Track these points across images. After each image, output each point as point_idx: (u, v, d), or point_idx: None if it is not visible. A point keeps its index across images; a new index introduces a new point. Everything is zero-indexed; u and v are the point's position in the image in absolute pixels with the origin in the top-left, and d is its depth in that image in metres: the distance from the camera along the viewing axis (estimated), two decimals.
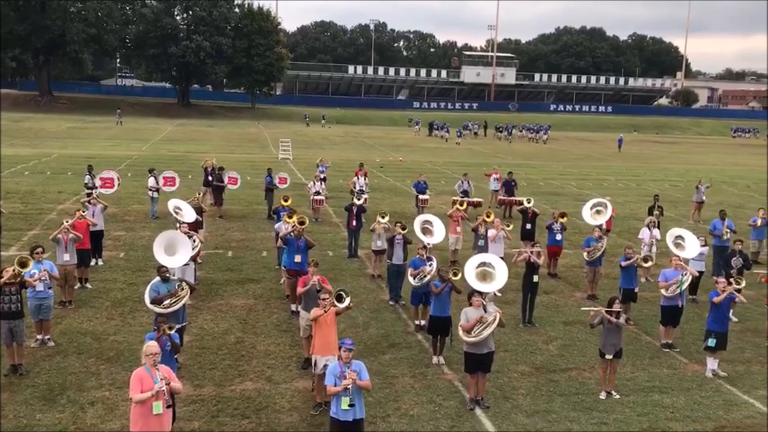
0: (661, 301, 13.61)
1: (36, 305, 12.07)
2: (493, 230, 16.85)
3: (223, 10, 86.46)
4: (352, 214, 19.24)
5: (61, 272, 13.71)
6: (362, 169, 27.26)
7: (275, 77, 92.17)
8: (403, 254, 15.54)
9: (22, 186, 28.58)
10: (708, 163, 54.86)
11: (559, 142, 71.26)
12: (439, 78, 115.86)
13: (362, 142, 61.87)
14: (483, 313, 10.57)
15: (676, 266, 13.61)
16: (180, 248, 12.48)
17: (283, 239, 14.71)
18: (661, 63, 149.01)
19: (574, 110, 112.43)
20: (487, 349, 10.62)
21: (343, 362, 8.49)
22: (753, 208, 30.54)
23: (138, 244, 19.68)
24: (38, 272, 11.91)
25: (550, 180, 38.81)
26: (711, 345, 12.14)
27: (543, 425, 10.19)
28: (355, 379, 8.31)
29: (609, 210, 19.02)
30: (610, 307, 11.03)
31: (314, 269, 11.89)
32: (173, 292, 11.09)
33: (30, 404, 10.08)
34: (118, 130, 61.52)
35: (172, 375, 8.08)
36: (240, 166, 34.44)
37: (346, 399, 8.27)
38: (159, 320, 9.52)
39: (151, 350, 7.98)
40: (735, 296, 12.22)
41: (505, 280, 11.96)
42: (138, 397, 7.71)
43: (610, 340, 11.07)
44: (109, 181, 23.32)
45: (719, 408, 11.01)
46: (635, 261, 14.69)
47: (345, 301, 10.26)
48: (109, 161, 36.01)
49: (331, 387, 8.36)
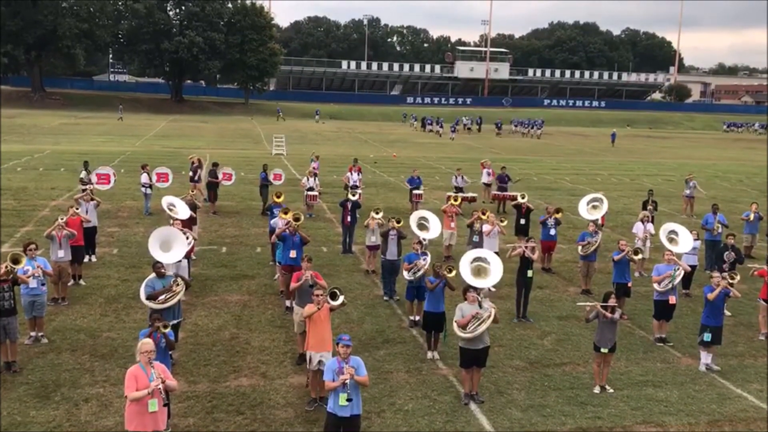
0: (654, 296, 13.64)
1: (29, 302, 12.02)
2: (488, 225, 16.88)
3: (216, 6, 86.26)
4: (346, 210, 19.24)
5: (56, 269, 13.67)
6: (356, 165, 27.31)
7: (268, 73, 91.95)
8: (397, 250, 15.54)
9: (14, 182, 28.44)
10: (700, 157, 55.03)
11: (553, 136, 71.36)
12: (432, 73, 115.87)
13: (356, 137, 61.81)
14: (478, 309, 10.55)
15: (668, 261, 13.66)
16: (175, 244, 12.48)
17: (278, 235, 14.71)
18: (654, 58, 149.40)
19: (567, 105, 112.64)
20: (483, 344, 10.62)
21: (341, 358, 8.48)
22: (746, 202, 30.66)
23: (131, 241, 19.63)
24: (32, 269, 11.87)
25: (544, 175, 38.86)
26: (706, 340, 12.17)
27: (537, 420, 10.21)
28: (353, 375, 8.30)
29: (605, 205, 19.06)
30: (605, 302, 11.06)
31: (308, 264, 11.89)
32: (168, 288, 11.09)
33: (24, 401, 10.05)
34: (111, 126, 61.26)
35: (166, 373, 8.05)
36: (234, 161, 34.39)
37: (344, 395, 8.26)
38: (153, 317, 9.49)
39: (146, 348, 7.92)
40: (729, 291, 12.22)
41: (500, 276, 11.98)
42: (134, 395, 7.67)
43: (606, 335, 11.08)
44: (105, 177, 23.27)
45: (713, 402, 11.06)
46: (627, 254, 14.69)
47: (339, 298, 10.19)
48: (103, 157, 35.89)
49: (329, 382, 8.35)
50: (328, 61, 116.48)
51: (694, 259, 16.52)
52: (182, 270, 14.17)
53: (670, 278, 13.35)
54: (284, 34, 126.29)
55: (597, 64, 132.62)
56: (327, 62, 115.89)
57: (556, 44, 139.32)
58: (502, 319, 14.37)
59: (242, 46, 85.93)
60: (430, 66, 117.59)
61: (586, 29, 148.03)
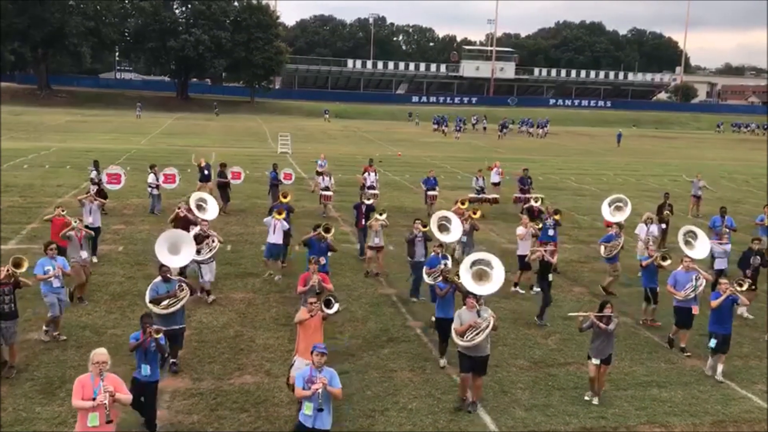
0: (674, 302, 13.04)
1: (55, 300, 11.95)
2: (521, 229, 16.47)
3: (222, 4, 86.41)
4: (360, 212, 18.93)
5: (77, 269, 13.67)
6: (372, 166, 26.77)
7: (274, 71, 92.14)
8: (425, 252, 15.38)
9: (21, 179, 28.54)
10: (706, 158, 54.86)
11: (558, 136, 71.23)
12: (438, 72, 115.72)
13: (362, 136, 61.82)
14: (476, 317, 10.21)
15: (687, 268, 13.02)
16: (183, 247, 12.33)
17: (304, 241, 14.77)
18: (660, 58, 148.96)
19: (573, 105, 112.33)
20: (482, 353, 10.24)
21: (315, 366, 8.17)
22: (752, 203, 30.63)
23: (137, 238, 19.68)
24: (53, 269, 11.89)
25: (549, 175, 38.79)
26: (712, 346, 11.86)
27: (541, 419, 10.21)
28: (326, 384, 7.98)
29: (629, 206, 18.49)
30: (600, 311, 10.64)
31: (315, 267, 11.77)
32: (173, 293, 10.92)
33: (29, 397, 10.09)
34: (117, 124, 61.40)
35: (120, 386, 7.57)
36: (240, 160, 34.41)
37: (310, 405, 8.00)
38: (145, 321, 9.24)
39: (98, 358, 7.48)
40: (738, 298, 11.77)
41: (503, 279, 11.55)
42: (76, 403, 7.33)
43: (599, 346, 10.64)
44: (116, 177, 23.17)
45: (717, 402, 11.03)
46: (655, 260, 14.14)
47: (334, 306, 9.91)
48: (109, 155, 36.00)
49: (299, 390, 8.07)
50: (333, 60, 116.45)
51: (724, 263, 16.27)
52: (211, 271, 14.32)
53: (692, 288, 12.72)
54: (290, 33, 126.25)
55: (603, 64, 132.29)
56: (333, 61, 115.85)
57: (562, 44, 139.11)
58: (507, 318, 14.41)
59: (248, 45, 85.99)
60: (435, 65, 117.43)
61: (592, 29, 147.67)
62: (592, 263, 19.09)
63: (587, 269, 18.81)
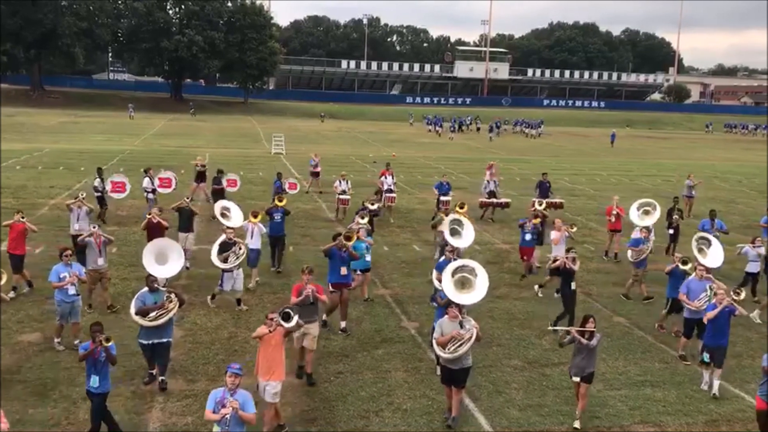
0: (685, 313, 12.55)
1: (68, 308, 11.86)
2: (555, 232, 16.20)
3: (215, 5, 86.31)
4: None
5: (95, 276, 13.60)
6: (389, 169, 25.84)
7: (268, 72, 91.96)
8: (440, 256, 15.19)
9: (13, 181, 28.41)
10: (699, 158, 55.03)
11: (552, 137, 71.33)
12: (432, 73, 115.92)
13: (355, 137, 61.78)
14: (459, 328, 9.74)
15: (701, 277, 12.47)
16: (171, 257, 12.06)
17: (325, 252, 13.54)
18: (653, 58, 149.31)
19: (567, 105, 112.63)
20: (462, 365, 9.77)
21: (228, 388, 7.75)
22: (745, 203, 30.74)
23: (131, 240, 19.60)
24: (68, 275, 11.79)
25: None
26: (705, 360, 11.35)
27: (536, 419, 10.22)
28: (237, 408, 7.57)
29: (657, 210, 18.12)
30: (583, 326, 9.93)
31: (308, 277, 11.14)
32: (161, 305, 10.53)
33: (22, 400, 10.05)
34: (110, 125, 61.19)
35: None
36: (233, 161, 34.38)
37: (218, 429, 7.64)
38: (94, 329, 8.88)
39: None
40: (735, 309, 11.09)
41: (486, 288, 10.83)
42: None
43: (578, 362, 9.98)
44: (121, 185, 22.80)
45: (711, 402, 11.07)
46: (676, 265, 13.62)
47: (292, 320, 9.31)
48: (102, 156, 35.87)
49: (208, 412, 7.67)
50: (327, 61, 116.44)
51: (756, 266, 16.09)
52: (238, 281, 14.08)
53: (707, 298, 12.08)
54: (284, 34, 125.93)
55: (596, 65, 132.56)
56: (327, 62, 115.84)
57: (556, 44, 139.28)
58: (501, 318, 14.42)
59: (242, 45, 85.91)
60: (429, 66, 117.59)
61: (585, 29, 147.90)
62: (586, 263, 19.09)
63: (581, 270, 18.71)
